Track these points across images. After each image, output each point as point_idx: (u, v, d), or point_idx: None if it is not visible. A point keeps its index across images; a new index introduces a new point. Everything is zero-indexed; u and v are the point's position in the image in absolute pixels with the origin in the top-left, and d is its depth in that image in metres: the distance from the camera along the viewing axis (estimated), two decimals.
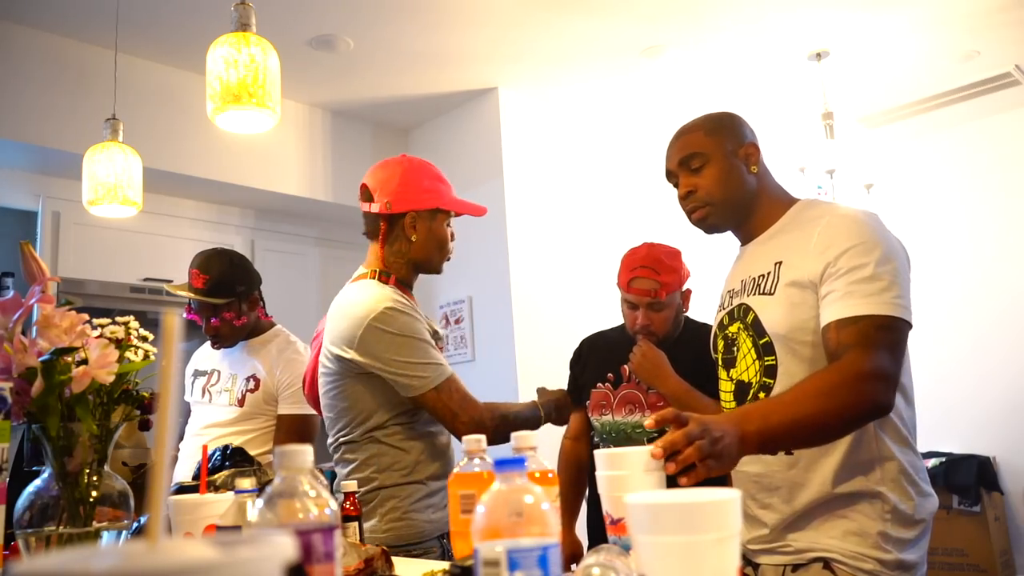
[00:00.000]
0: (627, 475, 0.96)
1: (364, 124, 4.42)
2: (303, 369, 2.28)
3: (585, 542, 2.09)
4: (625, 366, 1.99)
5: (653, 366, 1.90)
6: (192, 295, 2.25)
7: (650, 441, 1.89)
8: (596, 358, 2.09)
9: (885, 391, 1.22)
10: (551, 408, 1.91)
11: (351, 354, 1.68)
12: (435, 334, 1.81)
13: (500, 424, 1.72)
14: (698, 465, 1.02)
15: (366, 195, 1.80)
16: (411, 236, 1.78)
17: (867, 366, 1.21)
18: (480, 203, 1.93)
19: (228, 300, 2.27)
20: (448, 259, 1.88)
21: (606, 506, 0.96)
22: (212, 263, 2.28)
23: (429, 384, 1.66)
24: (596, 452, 1.00)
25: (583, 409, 2.08)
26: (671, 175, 1.53)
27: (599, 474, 0.97)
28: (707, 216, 1.48)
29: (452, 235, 1.87)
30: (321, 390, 1.81)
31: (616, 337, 2.08)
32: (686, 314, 2.05)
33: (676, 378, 1.88)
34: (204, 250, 2.37)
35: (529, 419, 1.84)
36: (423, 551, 1.66)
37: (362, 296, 1.72)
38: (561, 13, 3.40)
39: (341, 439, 1.76)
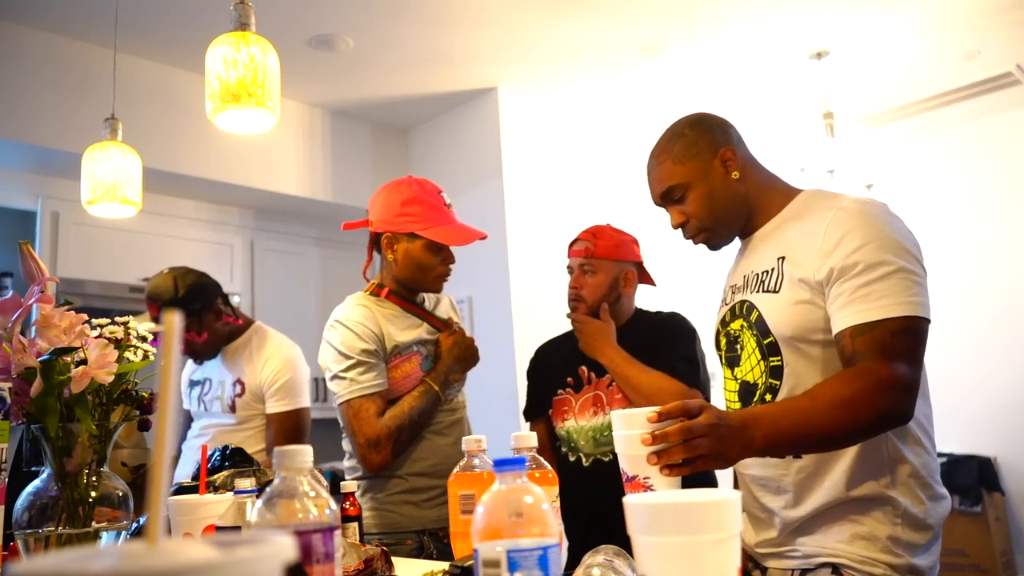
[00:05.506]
0: (641, 433, 0.99)
1: (364, 124, 4.42)
2: (283, 365, 2.30)
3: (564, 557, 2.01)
4: (583, 367, 1.94)
5: (592, 333, 1.90)
6: (154, 327, 2.25)
7: None
8: (552, 365, 2.04)
9: (904, 401, 1.17)
10: (444, 373, 1.82)
11: None
12: (396, 347, 1.77)
13: (397, 435, 1.72)
14: (689, 462, 1.00)
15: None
16: (388, 255, 1.83)
17: (886, 376, 1.15)
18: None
19: (185, 323, 2.24)
20: (444, 280, 1.86)
21: (622, 464, 1.01)
22: (159, 292, 2.27)
23: (341, 397, 1.74)
24: (612, 413, 1.03)
25: (545, 419, 2.01)
26: (658, 204, 1.51)
27: (616, 434, 1.01)
28: (707, 239, 1.46)
29: (448, 258, 1.84)
30: None
31: (570, 342, 2.02)
32: (627, 297, 2.00)
33: (616, 347, 1.87)
34: (153, 276, 2.35)
35: (428, 408, 1.78)
36: (396, 541, 1.71)
37: (335, 310, 1.85)
38: (561, 13, 3.39)
39: (343, 431, 1.85)
